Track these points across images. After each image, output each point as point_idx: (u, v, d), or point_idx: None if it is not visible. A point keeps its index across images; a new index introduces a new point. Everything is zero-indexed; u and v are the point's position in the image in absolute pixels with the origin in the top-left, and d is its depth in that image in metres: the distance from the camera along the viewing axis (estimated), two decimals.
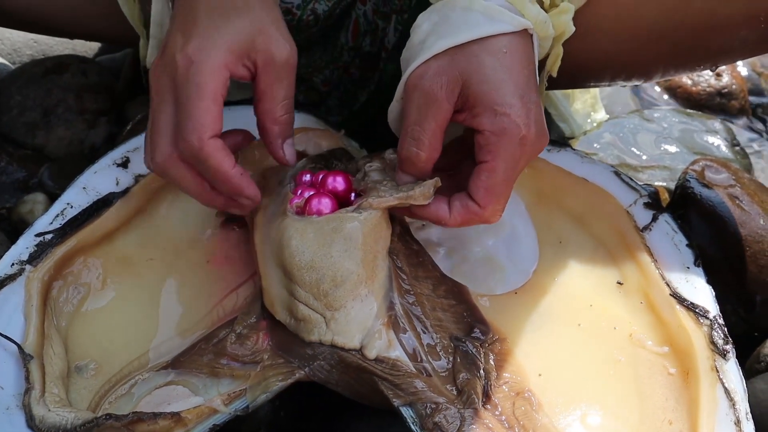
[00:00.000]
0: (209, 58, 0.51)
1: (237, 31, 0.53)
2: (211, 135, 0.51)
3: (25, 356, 0.51)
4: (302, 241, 0.52)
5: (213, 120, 0.51)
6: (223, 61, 0.52)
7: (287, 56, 0.54)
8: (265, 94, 0.54)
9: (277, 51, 0.54)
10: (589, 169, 0.64)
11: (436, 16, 0.55)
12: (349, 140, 0.69)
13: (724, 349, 0.52)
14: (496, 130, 0.51)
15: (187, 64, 0.51)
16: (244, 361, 0.53)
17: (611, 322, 0.57)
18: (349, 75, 0.79)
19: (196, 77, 0.51)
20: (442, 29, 0.53)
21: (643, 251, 0.59)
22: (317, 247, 0.52)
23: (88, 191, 0.61)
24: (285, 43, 0.54)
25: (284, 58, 0.54)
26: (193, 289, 0.59)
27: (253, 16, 0.54)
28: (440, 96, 0.52)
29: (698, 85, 1.00)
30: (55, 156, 0.83)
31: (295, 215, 0.54)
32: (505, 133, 0.51)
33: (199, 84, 0.51)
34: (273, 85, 0.54)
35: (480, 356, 0.53)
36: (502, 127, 0.51)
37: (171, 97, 0.52)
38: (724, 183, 0.69)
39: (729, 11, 0.59)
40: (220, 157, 0.52)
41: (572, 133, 0.89)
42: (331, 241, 0.52)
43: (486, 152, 0.52)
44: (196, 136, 0.51)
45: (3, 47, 1.01)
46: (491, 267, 0.61)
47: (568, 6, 0.58)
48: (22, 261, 0.56)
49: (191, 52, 0.52)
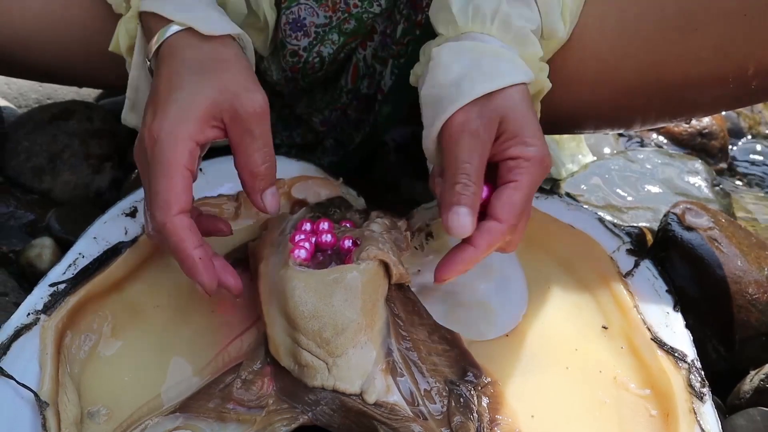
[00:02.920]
0: (171, 134, 0.53)
1: (198, 99, 0.55)
2: (177, 212, 0.53)
3: (41, 404, 0.53)
4: (305, 291, 0.55)
5: (176, 196, 0.53)
6: (186, 134, 0.54)
7: (255, 107, 0.56)
8: (239, 147, 0.56)
9: (243, 104, 0.55)
10: (574, 215, 0.68)
11: (466, 60, 0.59)
12: (348, 188, 0.72)
13: (701, 391, 0.55)
14: (527, 156, 0.56)
15: (152, 142, 0.54)
16: (250, 405, 0.55)
17: (597, 366, 0.59)
18: (346, 116, 0.82)
19: (160, 156, 0.53)
20: (476, 75, 0.58)
21: (626, 296, 0.62)
22: (319, 297, 0.54)
23: (98, 241, 0.64)
24: (252, 94, 0.56)
25: (252, 109, 0.55)
26: (200, 334, 0.61)
27: (215, 77, 0.56)
28: (485, 137, 0.56)
29: (680, 125, 1.04)
30: (61, 200, 0.86)
31: (297, 266, 0.57)
32: (534, 158, 0.56)
33: (162, 162, 0.53)
34: (244, 139, 0.56)
35: (473, 399, 0.55)
36: (533, 154, 0.56)
37: (146, 174, 0.55)
38: (704, 226, 0.72)
39: (700, 72, 0.64)
40: (181, 236, 0.53)
41: (560, 175, 0.92)
42: (332, 292, 0.55)
43: (516, 173, 0.56)
44: (160, 212, 0.53)
45: (9, 91, 1.04)
46: (483, 311, 0.63)
47: (545, 66, 0.64)
48: (37, 311, 0.58)
49: (155, 130, 0.54)
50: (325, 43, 0.74)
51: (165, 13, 0.60)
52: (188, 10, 0.60)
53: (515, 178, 0.56)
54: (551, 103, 0.71)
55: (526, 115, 0.58)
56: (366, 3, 0.72)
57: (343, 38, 0.74)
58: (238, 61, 0.59)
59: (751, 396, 0.65)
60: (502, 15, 0.61)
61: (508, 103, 0.57)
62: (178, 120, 0.54)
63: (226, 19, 0.63)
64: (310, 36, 0.73)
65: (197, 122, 0.55)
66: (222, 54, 0.59)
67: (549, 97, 0.70)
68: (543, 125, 0.78)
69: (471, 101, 0.57)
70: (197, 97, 0.55)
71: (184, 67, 0.57)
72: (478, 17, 0.61)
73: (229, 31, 0.60)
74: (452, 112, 0.57)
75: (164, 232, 0.53)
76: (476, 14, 0.62)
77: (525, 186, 0.56)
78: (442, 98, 0.58)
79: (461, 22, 0.62)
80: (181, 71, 0.57)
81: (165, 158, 0.53)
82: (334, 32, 0.73)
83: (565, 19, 0.65)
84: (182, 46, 0.59)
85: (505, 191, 0.56)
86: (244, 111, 0.55)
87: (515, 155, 0.56)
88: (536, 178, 0.57)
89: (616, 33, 0.66)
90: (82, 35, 0.73)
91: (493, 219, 0.55)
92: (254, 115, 0.56)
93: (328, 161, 0.83)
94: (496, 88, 0.57)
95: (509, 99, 0.57)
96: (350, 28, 0.73)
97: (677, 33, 0.64)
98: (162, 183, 0.53)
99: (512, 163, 0.56)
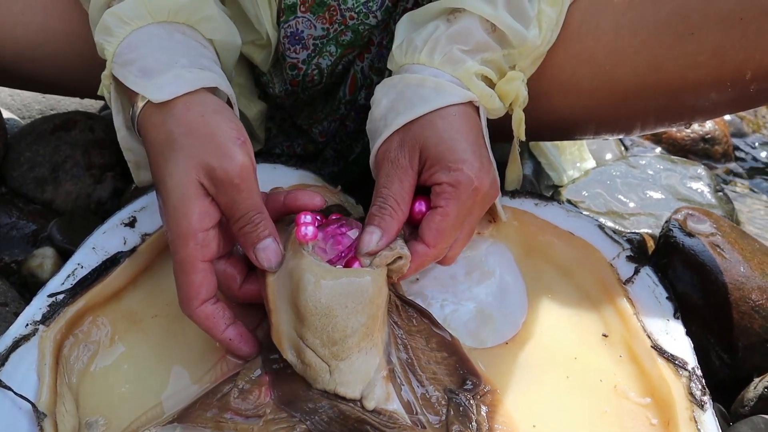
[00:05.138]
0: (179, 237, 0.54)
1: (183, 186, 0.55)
2: (198, 305, 0.55)
3: (38, 414, 0.54)
4: (318, 287, 0.54)
5: (195, 291, 0.55)
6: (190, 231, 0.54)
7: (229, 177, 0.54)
8: (225, 214, 0.56)
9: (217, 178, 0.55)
10: (574, 222, 0.67)
11: (393, 93, 0.62)
12: (346, 196, 0.72)
13: (702, 400, 0.54)
14: (452, 181, 0.58)
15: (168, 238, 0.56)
16: (247, 415, 0.55)
17: (597, 374, 0.59)
18: (345, 128, 0.82)
19: (175, 254, 0.55)
20: (400, 106, 0.61)
21: (626, 303, 0.62)
22: (332, 296, 0.54)
23: (97, 251, 0.64)
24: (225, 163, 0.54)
25: (226, 180, 0.54)
26: (197, 344, 0.61)
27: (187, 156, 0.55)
28: (404, 164, 0.59)
29: (682, 131, 1.04)
30: (63, 210, 0.86)
31: (311, 255, 0.56)
32: (459, 184, 0.58)
33: (177, 261, 0.55)
34: (228, 207, 0.56)
35: (472, 408, 0.55)
36: (457, 180, 0.58)
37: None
38: (706, 232, 0.72)
39: (697, 76, 0.64)
40: (207, 326, 0.56)
41: (561, 181, 0.92)
42: (346, 293, 0.54)
43: (441, 199, 0.58)
44: (184, 306, 0.56)
45: (13, 102, 1.05)
46: (482, 319, 0.63)
47: (516, 74, 0.64)
48: (36, 321, 0.58)
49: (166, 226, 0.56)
50: (324, 55, 0.74)
51: (128, 84, 0.59)
52: (146, 76, 0.58)
53: (440, 203, 0.58)
54: (550, 110, 0.71)
55: (451, 139, 0.59)
56: (362, 15, 0.72)
57: (341, 50, 0.74)
58: (206, 123, 0.56)
59: (755, 404, 0.64)
60: (432, 42, 0.63)
61: (425, 130, 0.59)
62: (179, 217, 0.55)
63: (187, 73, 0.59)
64: (308, 48, 0.74)
65: (195, 214, 0.55)
66: (187, 123, 0.56)
67: (547, 103, 0.70)
68: (543, 132, 0.78)
69: (393, 132, 0.60)
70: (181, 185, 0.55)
71: (158, 155, 0.57)
72: (410, 49, 0.64)
73: (184, 89, 0.57)
74: (379, 145, 0.61)
75: (194, 321, 0.57)
76: (409, 46, 0.64)
77: (451, 212, 0.58)
78: (374, 132, 0.62)
79: (398, 58, 0.65)
80: (158, 161, 0.57)
81: (179, 257, 0.55)
82: (332, 44, 0.74)
83: (540, 24, 0.65)
84: (150, 125, 0.58)
85: (433, 217, 0.58)
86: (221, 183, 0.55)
87: (439, 181, 0.58)
88: (465, 203, 0.58)
89: (611, 38, 0.66)
90: (83, 48, 0.74)
91: (421, 242, 0.58)
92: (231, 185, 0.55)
93: (329, 172, 0.83)
94: (414, 116, 0.59)
95: (428, 126, 0.59)
96: (347, 39, 0.74)
97: (673, 37, 0.63)
98: (180, 279, 0.56)
99: (438, 188, 0.59)
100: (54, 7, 0.74)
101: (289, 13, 0.72)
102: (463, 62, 0.62)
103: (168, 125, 0.57)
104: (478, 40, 0.63)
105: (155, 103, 0.57)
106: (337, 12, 0.72)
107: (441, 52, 0.62)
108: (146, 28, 0.62)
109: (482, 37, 0.63)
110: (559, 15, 0.66)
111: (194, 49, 0.62)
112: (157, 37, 0.61)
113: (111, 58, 0.62)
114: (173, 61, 0.59)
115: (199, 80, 0.59)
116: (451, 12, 0.64)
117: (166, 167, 0.56)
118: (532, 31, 0.64)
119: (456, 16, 0.64)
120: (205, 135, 0.56)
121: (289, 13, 0.72)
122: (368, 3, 0.72)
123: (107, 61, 0.62)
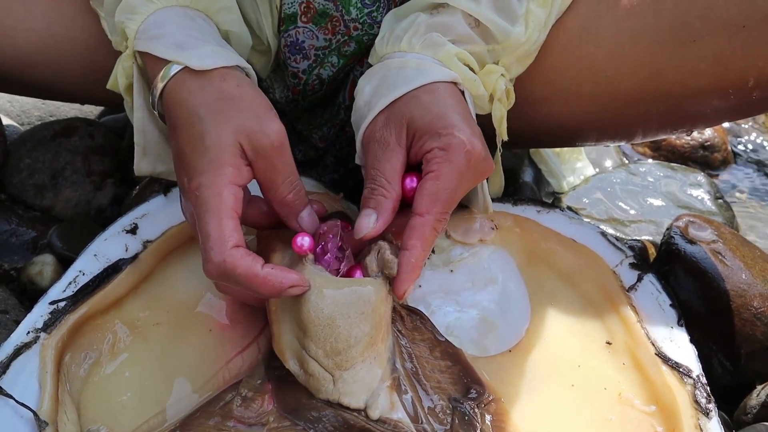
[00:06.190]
0: (212, 185, 0.54)
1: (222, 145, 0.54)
2: (232, 246, 0.52)
3: (40, 423, 0.53)
4: (321, 297, 0.54)
5: (229, 233, 0.53)
6: (226, 180, 0.54)
7: (272, 140, 0.55)
8: (264, 183, 0.57)
9: (260, 141, 0.55)
10: (576, 229, 0.67)
11: (375, 79, 0.62)
12: (348, 203, 0.72)
13: (707, 408, 0.54)
14: (443, 145, 0.56)
15: (195, 198, 0.54)
16: (250, 423, 0.55)
17: (601, 382, 0.59)
18: (345, 133, 0.82)
19: (206, 205, 0.53)
20: (383, 89, 0.60)
21: (629, 311, 0.61)
22: (335, 306, 0.54)
23: (98, 258, 0.64)
24: (266, 126, 0.56)
25: (269, 144, 0.55)
26: (200, 352, 0.61)
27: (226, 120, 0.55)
28: (391, 141, 0.58)
29: (682, 138, 1.04)
30: (63, 217, 0.86)
31: (315, 267, 0.56)
32: (450, 147, 0.56)
33: (209, 210, 0.53)
34: (268, 174, 0.56)
35: (477, 417, 0.55)
36: (448, 143, 0.56)
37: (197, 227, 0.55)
38: (707, 239, 0.72)
39: (699, 83, 0.64)
40: (244, 264, 0.52)
41: (561, 189, 0.92)
42: (349, 303, 0.54)
43: (432, 164, 0.56)
44: (216, 252, 0.52)
45: (12, 109, 1.05)
46: (486, 327, 0.63)
47: (495, 68, 0.64)
48: (37, 329, 0.58)
49: (195, 187, 0.54)
50: (325, 66, 0.74)
51: (159, 53, 0.59)
52: (181, 48, 0.59)
53: (432, 168, 0.56)
54: (551, 116, 0.71)
55: (438, 109, 0.58)
56: (366, 26, 0.72)
57: (343, 60, 0.74)
58: (242, 93, 0.58)
59: (758, 411, 0.64)
60: (412, 29, 0.63)
61: (411, 105, 0.58)
62: (213, 171, 0.54)
63: (223, 51, 0.61)
64: (309, 59, 0.74)
65: (232, 166, 0.55)
66: (224, 91, 0.57)
67: (548, 109, 0.70)
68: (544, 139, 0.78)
69: (377, 114, 0.59)
70: (221, 144, 0.55)
71: (195, 116, 0.57)
72: (392, 40, 0.64)
73: (222, 63, 0.59)
74: (364, 129, 0.60)
75: (226, 268, 0.52)
76: (390, 37, 0.64)
77: (445, 174, 0.56)
78: (359, 120, 0.62)
79: (379, 49, 0.65)
80: (193, 122, 0.56)
81: (211, 207, 0.53)
82: (334, 55, 0.74)
83: (527, 23, 0.65)
84: (185, 90, 0.58)
85: (425, 184, 0.56)
86: (263, 148, 0.55)
87: (429, 148, 0.57)
88: (459, 166, 0.56)
89: (612, 44, 0.66)
90: (84, 54, 0.74)
91: (416, 214, 0.56)
92: (273, 149, 0.56)
93: (329, 178, 0.83)
94: (398, 95, 0.59)
95: (412, 101, 0.58)
96: (350, 50, 0.73)
97: (674, 44, 0.63)
98: (212, 225, 0.53)
99: (429, 155, 0.57)
100: (55, 14, 0.74)
101: (289, 22, 0.72)
102: (443, 45, 0.62)
103: (206, 90, 0.57)
104: (459, 32, 0.63)
105: (192, 71, 0.58)
106: (341, 23, 0.72)
107: (421, 38, 0.63)
108: (171, 9, 0.63)
109: (464, 30, 0.63)
110: (548, 16, 0.66)
111: (217, 35, 0.65)
112: (184, 18, 0.62)
113: (133, 35, 0.62)
114: (206, 40, 0.61)
115: (235, 58, 0.60)
116: (435, 7, 0.65)
117: (204, 126, 0.55)
118: (518, 28, 0.64)
119: (439, 10, 0.64)
120: (245, 101, 0.57)
121: (289, 22, 0.72)
122: (372, 13, 0.72)
123: (128, 39, 0.63)
